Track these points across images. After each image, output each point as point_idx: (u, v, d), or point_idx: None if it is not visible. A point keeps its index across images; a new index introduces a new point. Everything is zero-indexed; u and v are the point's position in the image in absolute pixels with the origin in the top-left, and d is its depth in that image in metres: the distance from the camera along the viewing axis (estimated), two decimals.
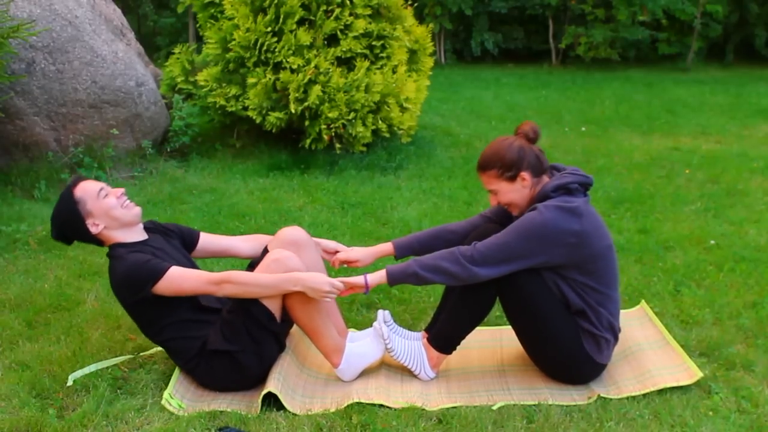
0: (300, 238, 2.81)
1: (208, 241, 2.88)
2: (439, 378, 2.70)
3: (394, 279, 2.52)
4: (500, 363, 2.81)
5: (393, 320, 2.79)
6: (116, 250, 2.57)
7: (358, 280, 2.55)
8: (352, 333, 2.83)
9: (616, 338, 2.63)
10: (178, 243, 2.78)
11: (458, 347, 2.77)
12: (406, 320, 3.17)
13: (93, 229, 2.55)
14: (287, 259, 2.52)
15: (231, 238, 2.94)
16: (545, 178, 2.56)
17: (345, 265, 2.87)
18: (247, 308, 2.49)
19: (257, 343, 2.52)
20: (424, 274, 2.46)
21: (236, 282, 2.44)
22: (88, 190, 2.57)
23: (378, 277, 2.54)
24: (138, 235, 2.63)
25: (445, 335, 2.65)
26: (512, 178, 2.50)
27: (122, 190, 2.63)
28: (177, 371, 2.66)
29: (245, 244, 2.91)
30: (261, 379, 2.60)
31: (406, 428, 2.34)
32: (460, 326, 2.62)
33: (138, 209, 2.63)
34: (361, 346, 2.67)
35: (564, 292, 2.50)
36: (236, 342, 2.50)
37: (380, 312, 2.75)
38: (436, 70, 7.99)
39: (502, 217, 2.75)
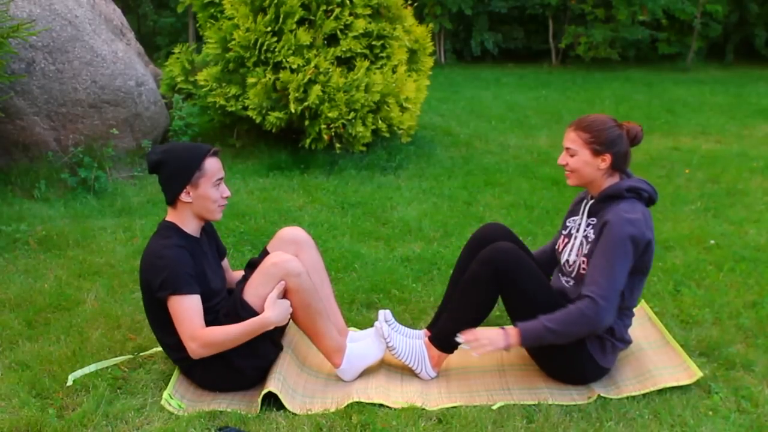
0: (299, 238, 2.81)
1: (225, 265, 2.87)
2: (439, 378, 2.70)
3: (526, 342, 2.47)
4: (500, 363, 2.81)
5: (394, 319, 2.79)
6: (171, 235, 2.52)
7: (499, 344, 2.45)
8: (353, 333, 2.82)
9: (625, 344, 2.65)
10: (215, 248, 2.77)
11: (459, 347, 2.76)
12: (406, 320, 3.17)
13: (183, 196, 2.51)
14: (285, 263, 2.51)
15: (235, 273, 2.93)
16: (617, 177, 2.57)
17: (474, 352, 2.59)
18: (241, 316, 2.48)
19: (251, 346, 2.52)
20: (559, 341, 2.44)
21: (214, 347, 2.44)
22: (214, 169, 2.53)
23: (514, 343, 2.45)
24: (196, 230, 2.61)
25: (446, 335, 2.65)
26: (597, 153, 2.50)
27: (229, 194, 2.60)
28: (177, 371, 2.66)
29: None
30: (258, 380, 2.60)
31: (406, 428, 2.34)
32: (462, 326, 2.62)
33: (220, 216, 2.61)
34: (362, 347, 2.67)
35: None
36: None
37: (381, 312, 2.74)
38: (436, 69, 8.01)
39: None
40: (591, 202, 2.61)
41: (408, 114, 6.05)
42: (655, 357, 2.77)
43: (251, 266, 2.72)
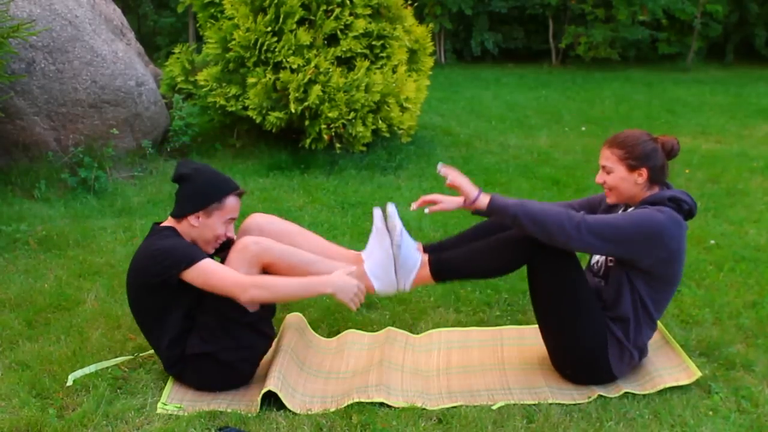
0: (259, 222, 2.75)
1: None
2: (440, 377, 2.70)
3: (492, 209, 2.43)
4: (501, 362, 2.80)
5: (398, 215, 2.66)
6: (163, 230, 2.55)
7: (471, 191, 2.46)
8: (364, 253, 2.74)
9: (640, 358, 2.64)
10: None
11: (459, 346, 2.77)
12: (406, 320, 3.17)
13: (192, 219, 2.52)
14: (253, 245, 2.50)
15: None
16: (656, 190, 2.57)
17: (426, 208, 2.67)
18: (217, 307, 2.47)
19: (234, 338, 2.51)
20: (523, 222, 2.38)
21: (264, 286, 2.39)
22: (231, 208, 2.55)
23: (482, 200, 2.44)
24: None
25: (452, 267, 2.59)
26: (632, 168, 2.51)
27: (233, 236, 2.61)
28: (171, 379, 2.64)
29: None
30: (252, 374, 2.62)
31: (406, 428, 2.34)
32: (474, 269, 2.58)
33: (209, 252, 2.60)
34: (375, 259, 2.61)
35: (622, 294, 2.50)
36: (213, 342, 2.49)
37: (384, 208, 2.65)
38: (436, 69, 8.01)
39: (586, 209, 2.75)
40: (630, 209, 2.59)
41: (408, 114, 6.05)
42: (654, 358, 2.77)
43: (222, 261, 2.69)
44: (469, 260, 2.58)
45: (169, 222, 2.60)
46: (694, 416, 2.41)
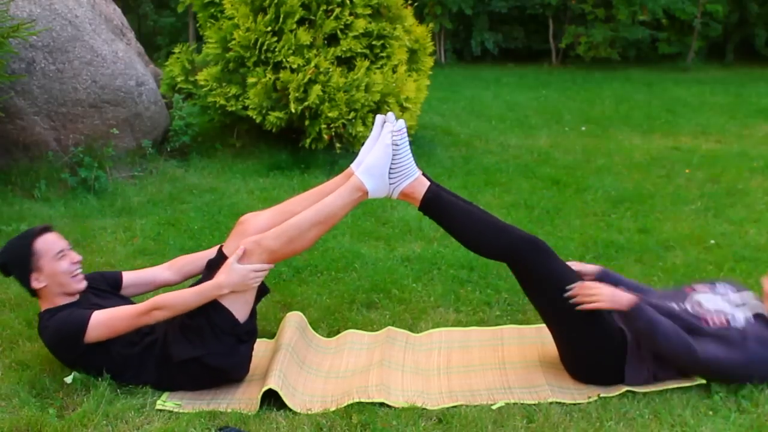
0: (245, 224, 2.71)
1: (131, 278, 2.88)
2: (440, 376, 2.70)
3: (632, 316, 2.47)
4: (501, 361, 2.80)
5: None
6: (43, 319, 2.57)
7: (620, 300, 2.47)
8: (353, 164, 2.72)
9: (655, 381, 2.63)
10: (108, 289, 2.78)
11: (459, 345, 2.76)
12: (406, 320, 3.17)
13: (34, 284, 2.55)
14: (251, 245, 2.48)
15: (152, 269, 2.95)
16: None
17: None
18: (209, 315, 2.47)
19: (224, 343, 2.50)
20: (647, 334, 2.47)
21: (164, 306, 2.45)
22: (48, 246, 2.55)
23: (627, 301, 2.47)
24: (72, 299, 2.63)
25: (443, 207, 2.60)
26: None
27: (79, 258, 2.62)
28: None
29: (168, 271, 2.89)
30: (247, 371, 2.63)
31: (406, 428, 2.34)
32: (458, 225, 2.60)
33: (84, 284, 2.62)
34: (371, 158, 2.59)
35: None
36: (202, 345, 2.48)
37: (388, 116, 2.64)
38: (436, 69, 8.01)
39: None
40: None
41: (408, 114, 6.05)
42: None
43: (210, 267, 2.67)
44: (460, 215, 2.59)
45: (41, 304, 2.63)
46: (694, 416, 2.41)
